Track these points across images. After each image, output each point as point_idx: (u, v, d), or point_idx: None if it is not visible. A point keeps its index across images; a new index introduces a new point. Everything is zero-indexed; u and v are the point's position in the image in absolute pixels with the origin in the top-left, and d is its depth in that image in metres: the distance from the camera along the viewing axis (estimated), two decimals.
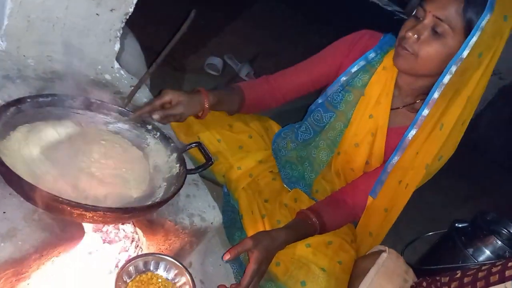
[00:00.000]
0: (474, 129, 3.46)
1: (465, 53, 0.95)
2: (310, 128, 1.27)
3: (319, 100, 1.25)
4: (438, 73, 1.01)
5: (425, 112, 1.03)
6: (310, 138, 1.27)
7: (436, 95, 1.01)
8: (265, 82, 1.26)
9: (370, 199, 1.15)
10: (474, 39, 0.94)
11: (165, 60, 1.10)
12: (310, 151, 1.27)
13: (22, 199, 0.73)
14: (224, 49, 2.61)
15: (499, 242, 1.43)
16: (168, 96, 1.01)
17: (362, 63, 1.15)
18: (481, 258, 1.44)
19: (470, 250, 1.45)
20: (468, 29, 0.95)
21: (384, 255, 1.16)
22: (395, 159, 1.09)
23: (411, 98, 1.13)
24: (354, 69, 1.16)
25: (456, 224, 1.54)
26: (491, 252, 1.44)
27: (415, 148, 1.06)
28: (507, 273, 0.92)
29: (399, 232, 1.94)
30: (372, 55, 1.15)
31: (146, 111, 0.99)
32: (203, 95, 1.08)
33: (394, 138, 1.11)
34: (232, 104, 1.21)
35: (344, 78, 1.18)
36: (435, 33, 0.97)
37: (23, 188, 0.71)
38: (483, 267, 0.99)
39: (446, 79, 0.98)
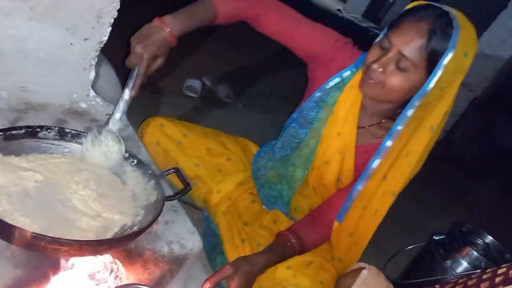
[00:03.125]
0: (449, 141, 3.57)
1: (428, 89, 0.98)
2: (286, 144, 1.28)
3: (294, 115, 1.25)
4: (403, 101, 1.04)
5: (389, 143, 1.05)
6: (287, 155, 1.28)
7: (400, 127, 1.03)
8: (252, 6, 1.14)
9: (336, 223, 1.16)
10: (437, 77, 0.96)
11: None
12: (287, 168, 1.28)
13: None
14: (201, 69, 2.63)
15: (475, 253, 1.46)
16: (146, 62, 0.99)
17: (337, 80, 1.16)
18: (459, 270, 1.47)
19: (449, 262, 1.48)
20: (430, 65, 0.97)
21: (364, 272, 1.17)
22: (360, 186, 1.11)
23: (376, 118, 1.16)
24: (328, 86, 1.17)
25: (434, 237, 1.57)
26: (468, 263, 1.47)
27: (380, 175, 1.08)
28: (482, 286, 0.94)
29: (380, 246, 1.97)
30: (347, 73, 1.16)
31: (142, 81, 1.02)
32: (165, 33, 1.00)
33: (364, 155, 1.14)
34: (201, 23, 1.09)
35: (318, 94, 1.19)
36: (399, 67, 0.99)
37: None
38: (460, 281, 1.02)
39: (410, 112, 1.01)
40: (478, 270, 1.31)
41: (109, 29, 1.15)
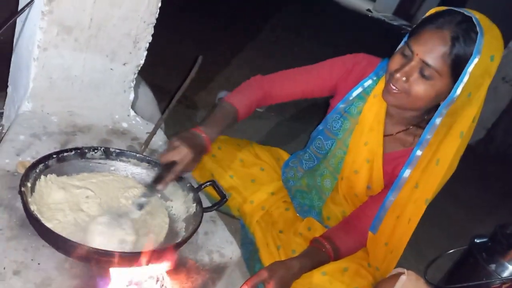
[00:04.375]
0: (492, 139, 3.43)
1: (455, 97, 0.97)
2: (313, 155, 1.30)
3: (320, 127, 1.27)
4: (428, 108, 1.04)
5: (419, 152, 1.05)
6: (314, 166, 1.30)
7: (429, 136, 1.03)
8: (259, 89, 1.22)
9: (370, 234, 1.17)
10: (463, 83, 0.95)
11: (178, 100, 1.18)
12: (316, 179, 1.30)
13: (54, 249, 0.80)
14: (233, 81, 2.71)
15: None
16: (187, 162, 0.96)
17: (359, 90, 1.17)
18: (505, 274, 1.41)
19: (493, 266, 1.43)
20: (455, 72, 0.96)
21: (403, 277, 1.16)
22: (393, 196, 1.10)
23: (403, 125, 1.15)
24: (351, 97, 1.18)
25: (475, 240, 1.53)
26: None
27: (412, 184, 1.08)
28: None
29: (421, 249, 1.93)
30: (368, 82, 1.17)
31: (170, 179, 0.96)
32: (205, 140, 1.03)
33: (392, 162, 1.14)
34: (228, 126, 1.13)
35: (342, 106, 1.20)
36: (423, 75, 0.98)
37: (54, 240, 0.78)
38: (504, 286, 0.99)
39: (438, 120, 1.00)
40: None
41: (145, 53, 1.23)
